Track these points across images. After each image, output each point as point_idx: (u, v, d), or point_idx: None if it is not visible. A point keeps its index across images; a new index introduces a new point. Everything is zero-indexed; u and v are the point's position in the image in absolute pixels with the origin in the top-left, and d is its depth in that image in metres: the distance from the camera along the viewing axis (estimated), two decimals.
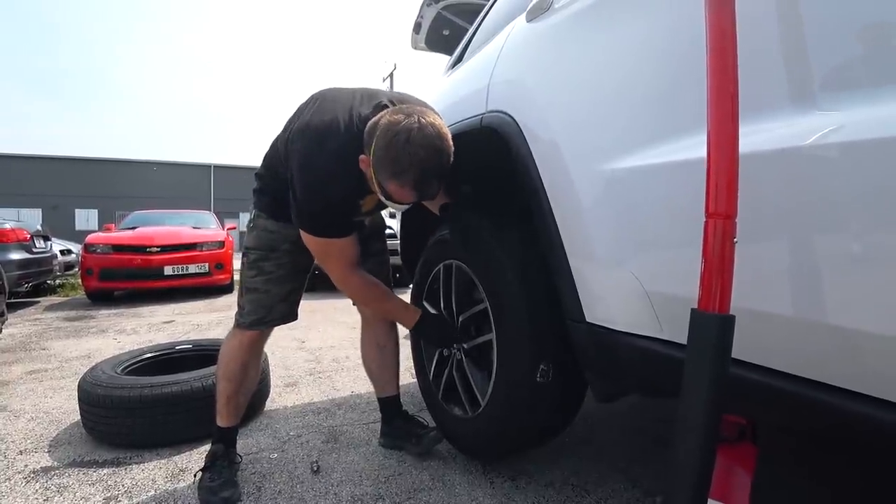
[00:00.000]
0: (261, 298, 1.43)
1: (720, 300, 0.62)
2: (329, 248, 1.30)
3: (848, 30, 0.64)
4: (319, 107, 1.26)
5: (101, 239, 5.83)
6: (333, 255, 1.33)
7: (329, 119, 1.21)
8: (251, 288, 1.44)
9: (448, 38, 2.85)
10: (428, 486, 1.44)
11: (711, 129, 0.65)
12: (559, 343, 1.20)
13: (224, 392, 1.46)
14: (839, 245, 0.61)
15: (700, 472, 0.65)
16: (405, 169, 1.09)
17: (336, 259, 1.33)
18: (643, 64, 0.93)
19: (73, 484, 1.49)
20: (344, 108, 1.23)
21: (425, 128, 1.08)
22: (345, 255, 1.33)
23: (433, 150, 1.09)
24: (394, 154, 1.08)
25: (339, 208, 1.26)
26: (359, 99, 1.27)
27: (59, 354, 3.19)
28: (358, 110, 1.23)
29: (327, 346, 3.34)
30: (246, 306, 1.45)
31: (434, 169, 1.11)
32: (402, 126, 1.08)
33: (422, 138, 1.07)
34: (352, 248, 1.34)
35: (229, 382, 1.46)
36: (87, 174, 27.97)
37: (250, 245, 1.45)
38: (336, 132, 1.20)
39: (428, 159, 1.09)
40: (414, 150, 1.07)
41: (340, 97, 1.28)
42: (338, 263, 1.34)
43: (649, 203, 0.89)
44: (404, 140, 1.06)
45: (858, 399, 0.62)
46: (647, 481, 1.44)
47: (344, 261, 1.34)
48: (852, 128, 0.60)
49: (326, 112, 1.23)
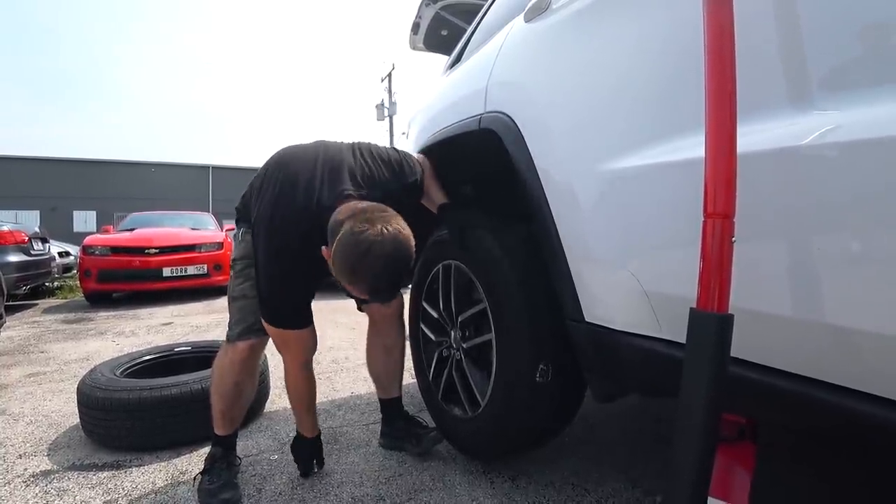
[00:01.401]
0: (249, 304, 1.40)
1: (719, 299, 0.62)
2: (287, 337, 1.36)
3: (846, 30, 0.64)
4: (281, 188, 1.27)
5: (99, 241, 5.82)
6: (292, 346, 1.39)
7: (290, 210, 1.24)
8: (238, 296, 1.42)
9: (446, 38, 2.85)
10: (428, 487, 1.44)
11: (710, 129, 0.65)
12: (558, 343, 1.20)
13: (218, 408, 1.45)
14: (837, 244, 0.62)
15: (700, 470, 0.65)
16: (361, 279, 1.11)
17: (293, 349, 1.40)
18: (641, 64, 0.93)
19: (72, 487, 1.49)
20: (307, 195, 1.24)
21: (387, 242, 1.09)
22: (302, 346, 1.40)
23: (392, 262, 1.10)
24: (351, 265, 1.09)
25: (299, 302, 1.34)
26: (321, 178, 1.27)
27: (58, 357, 3.19)
28: (319, 197, 1.24)
29: (326, 347, 3.34)
30: (234, 316, 1.43)
31: (390, 278, 1.13)
32: (363, 238, 1.08)
33: (382, 252, 1.08)
34: (310, 339, 1.40)
35: (222, 399, 1.44)
36: (85, 176, 27.94)
37: (237, 256, 1.44)
38: (297, 224, 1.23)
39: (385, 269, 1.10)
40: (372, 262, 1.08)
41: (302, 173, 1.28)
42: (294, 355, 1.41)
43: (648, 203, 0.89)
44: (363, 252, 1.07)
45: (857, 397, 0.62)
46: (647, 481, 1.44)
47: (300, 353, 1.41)
48: (850, 127, 0.60)
49: (287, 196, 1.25)
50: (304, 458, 1.53)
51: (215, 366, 1.47)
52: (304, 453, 1.53)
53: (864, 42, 0.63)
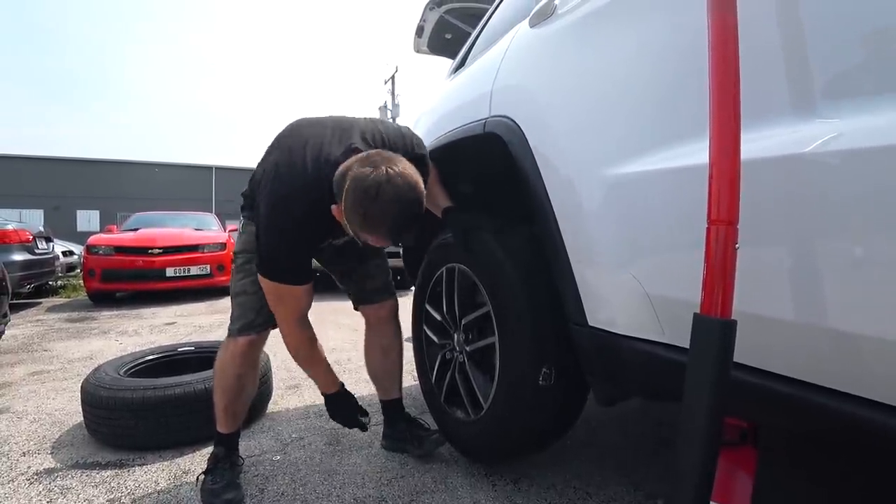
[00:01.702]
0: (249, 301, 1.41)
1: (722, 305, 0.62)
2: (282, 293, 1.31)
3: (849, 37, 0.64)
4: (290, 148, 1.26)
5: (103, 240, 5.85)
6: (286, 302, 1.34)
7: (298, 161, 1.22)
8: (239, 292, 1.43)
9: (450, 41, 2.87)
10: (430, 489, 1.44)
11: (714, 135, 0.66)
12: (561, 346, 1.20)
13: (221, 402, 1.45)
14: (839, 250, 0.62)
15: (702, 474, 0.66)
16: (377, 223, 1.10)
17: (288, 306, 1.35)
18: (645, 70, 0.94)
19: (76, 486, 1.49)
20: (314, 150, 1.23)
21: (394, 179, 1.08)
22: (298, 303, 1.34)
23: (405, 201, 1.09)
24: (363, 211, 1.08)
25: (299, 256, 1.29)
26: (329, 137, 1.26)
27: (62, 356, 3.20)
28: (328, 153, 1.22)
29: (328, 348, 3.33)
30: (235, 311, 1.44)
31: (405, 220, 1.12)
32: (371, 180, 1.07)
33: (391, 191, 1.07)
34: (306, 297, 1.35)
35: (224, 393, 1.45)
36: (88, 175, 28.03)
37: (238, 249, 1.45)
38: (304, 177, 1.21)
39: (399, 211, 1.09)
40: (383, 205, 1.07)
41: (312, 136, 1.27)
42: (288, 310, 1.35)
43: (652, 208, 0.89)
44: (374, 195, 1.07)
45: (859, 402, 0.62)
46: (649, 484, 1.44)
47: (295, 310, 1.36)
48: (853, 135, 0.61)
49: (296, 153, 1.23)
50: (345, 413, 1.55)
51: (217, 360, 1.47)
52: (341, 409, 1.55)
53: (867, 50, 0.64)
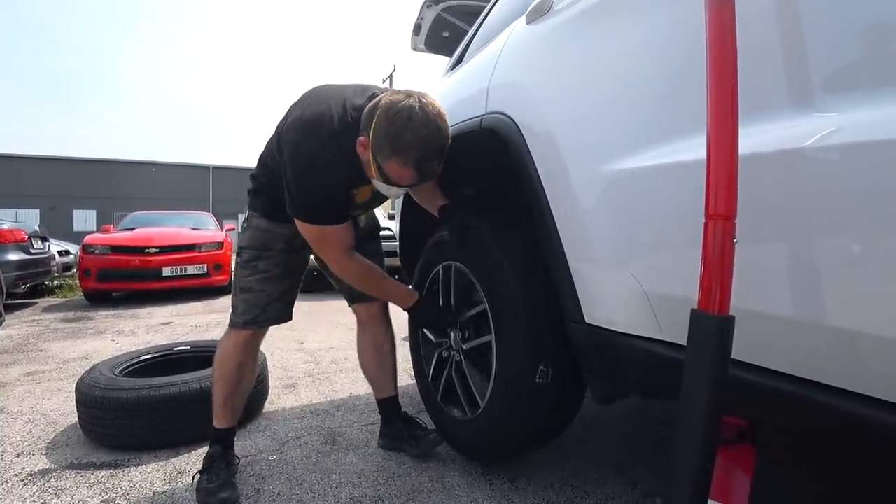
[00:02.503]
0: (255, 298, 1.43)
1: (720, 301, 0.62)
2: (324, 234, 1.30)
3: (847, 32, 0.64)
4: (312, 101, 1.27)
5: (99, 240, 5.82)
6: (330, 242, 1.33)
7: (322, 110, 1.22)
8: (245, 287, 1.44)
9: (448, 39, 2.85)
10: (427, 488, 1.43)
11: (711, 130, 0.65)
12: (558, 344, 1.20)
13: (220, 393, 1.46)
14: (838, 246, 0.62)
15: (700, 472, 0.65)
16: (408, 146, 1.10)
17: (333, 246, 1.34)
18: (643, 66, 0.93)
19: (70, 486, 1.48)
20: (337, 100, 1.24)
21: (426, 106, 1.11)
22: (341, 241, 1.33)
23: (434, 128, 1.11)
24: (395, 131, 1.09)
25: (333, 195, 1.27)
26: (351, 91, 1.28)
27: (57, 356, 3.18)
28: (352, 101, 1.24)
29: (326, 347, 3.33)
30: (240, 306, 1.45)
31: (435, 147, 1.13)
32: (404, 105, 1.10)
33: (424, 116, 1.10)
34: (348, 233, 1.34)
35: (225, 384, 1.46)
36: (85, 175, 27.92)
37: (244, 244, 1.46)
38: (329, 122, 1.21)
39: (430, 137, 1.11)
40: (416, 128, 1.09)
41: (333, 91, 1.29)
42: (335, 249, 1.34)
43: (649, 204, 0.89)
44: (406, 118, 1.08)
45: (857, 399, 0.62)
46: (646, 482, 1.44)
47: (341, 246, 1.34)
48: (851, 130, 0.60)
49: (319, 104, 1.24)
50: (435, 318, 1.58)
51: (218, 350, 1.48)
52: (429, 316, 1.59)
53: (865, 45, 0.63)
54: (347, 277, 1.43)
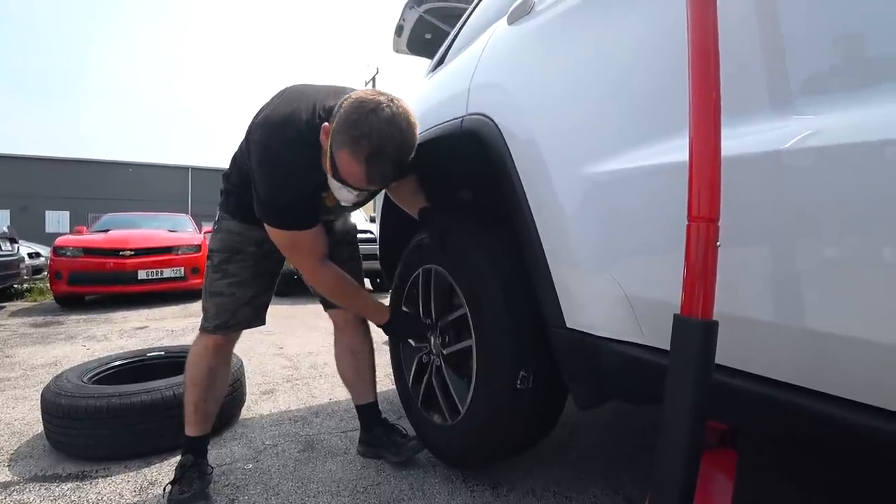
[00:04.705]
0: (225, 302, 1.40)
1: (703, 305, 0.61)
2: (295, 240, 1.25)
3: (826, 36, 0.64)
4: (281, 101, 1.23)
5: (71, 241, 5.64)
6: (301, 248, 1.28)
7: (290, 111, 1.19)
8: (215, 292, 1.40)
9: (430, 41, 2.84)
10: (407, 496, 1.41)
11: (693, 132, 0.64)
12: (539, 349, 1.18)
13: (191, 399, 1.42)
14: (821, 249, 0.61)
15: (684, 478, 0.64)
16: (362, 137, 1.05)
17: (304, 252, 1.29)
18: (624, 67, 0.93)
19: (33, 500, 1.41)
20: (307, 101, 1.20)
21: (396, 108, 1.07)
22: (313, 247, 1.28)
23: (397, 129, 1.06)
24: (355, 119, 1.05)
25: (301, 197, 1.22)
26: (324, 93, 1.24)
27: (24, 362, 3.07)
28: (322, 103, 1.20)
29: (305, 352, 3.28)
30: (210, 310, 1.41)
31: (392, 149, 1.07)
32: (373, 98, 1.07)
33: (389, 115, 1.05)
34: (319, 239, 1.29)
35: (196, 389, 1.42)
36: (58, 174, 27.21)
37: (214, 247, 1.42)
38: (297, 122, 1.17)
39: (389, 136, 1.05)
40: (377, 122, 1.04)
41: (306, 92, 1.25)
42: (306, 256, 1.30)
43: (631, 207, 0.88)
44: (370, 109, 1.05)
45: (840, 404, 0.61)
46: (629, 488, 1.43)
47: (312, 254, 1.29)
48: (830, 132, 0.60)
49: (288, 105, 1.21)
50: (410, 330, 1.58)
51: (189, 354, 1.45)
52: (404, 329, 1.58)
53: (843, 48, 0.63)
54: (319, 287, 1.39)
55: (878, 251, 0.56)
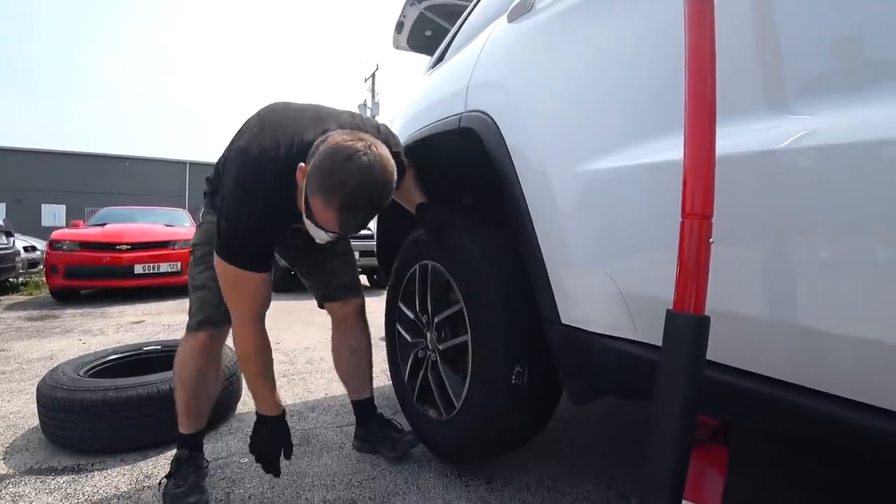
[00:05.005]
0: (207, 295, 1.35)
1: (695, 301, 0.61)
2: (239, 279, 1.19)
3: (823, 35, 0.64)
4: (260, 131, 1.19)
5: (67, 235, 5.62)
6: (242, 291, 1.21)
7: (269, 144, 1.15)
8: (198, 285, 1.37)
9: (430, 38, 2.84)
10: (402, 490, 1.41)
11: (688, 130, 0.65)
12: (534, 344, 1.19)
13: (181, 400, 1.40)
14: (813, 247, 0.62)
15: (675, 473, 0.65)
16: (335, 186, 1.02)
17: (244, 295, 1.22)
18: (622, 66, 0.93)
19: (29, 493, 1.42)
20: (286, 133, 1.17)
21: (373, 156, 1.04)
22: (256, 293, 1.22)
23: (372, 179, 1.04)
24: (329, 166, 1.03)
25: (263, 237, 1.20)
26: (304, 123, 1.20)
27: (20, 356, 3.06)
28: (301, 136, 1.16)
29: (302, 347, 3.28)
30: (193, 305, 1.38)
31: (365, 198, 1.05)
32: (349, 146, 1.03)
33: (365, 163, 1.02)
34: (265, 288, 1.24)
35: (185, 390, 1.39)
36: (54, 168, 27.02)
37: (197, 241, 1.40)
38: (274, 160, 1.14)
39: (363, 186, 1.03)
40: (352, 171, 1.01)
41: (286, 120, 1.21)
42: (244, 300, 1.23)
43: (626, 204, 0.89)
44: (346, 157, 1.02)
45: (832, 401, 0.62)
46: (622, 483, 1.44)
47: (252, 301, 1.23)
48: (825, 132, 0.61)
49: (268, 135, 1.17)
50: (270, 445, 1.31)
51: (177, 356, 1.42)
52: (275, 437, 1.31)
53: (839, 49, 0.64)
54: (238, 340, 1.27)
55: (869, 250, 0.57)
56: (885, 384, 0.58)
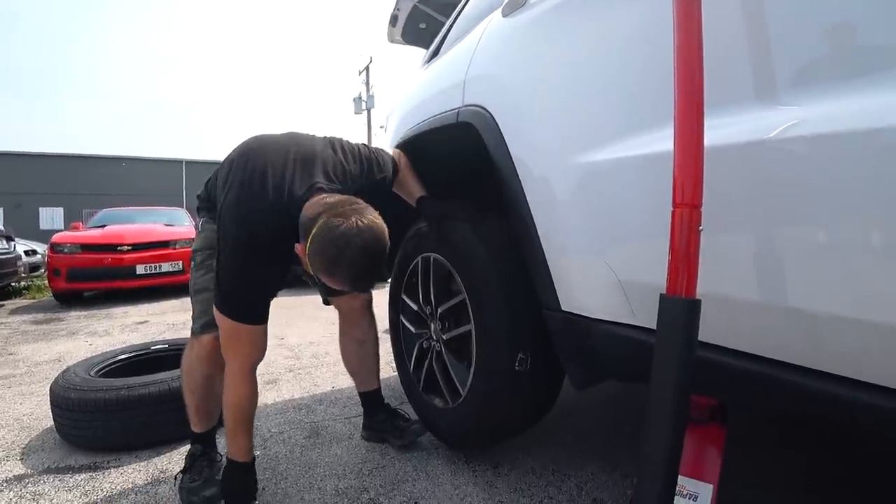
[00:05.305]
0: (211, 297, 1.35)
1: (687, 285, 0.65)
2: (240, 332, 1.24)
3: (810, 26, 0.66)
4: (251, 178, 1.20)
5: (68, 238, 5.65)
6: (243, 343, 1.26)
7: (260, 200, 1.18)
8: (200, 289, 1.40)
9: (424, 31, 2.84)
10: (412, 477, 1.46)
11: (678, 122, 0.68)
12: (536, 332, 1.22)
13: (191, 403, 1.44)
14: (796, 232, 0.65)
15: (670, 449, 0.68)
16: (342, 271, 1.08)
17: (242, 347, 1.26)
18: (615, 59, 0.96)
19: (49, 491, 1.46)
20: (276, 184, 1.19)
21: (363, 233, 1.07)
22: (253, 344, 1.27)
23: (370, 255, 1.08)
24: (330, 257, 1.07)
25: (262, 293, 1.25)
26: (292, 171, 1.22)
27: (28, 359, 3.10)
28: (290, 190, 1.19)
29: (307, 342, 3.32)
30: (196, 309, 1.41)
31: (369, 271, 1.10)
32: (340, 232, 1.05)
33: (359, 244, 1.06)
34: (263, 338, 1.29)
35: (193, 395, 1.43)
36: (51, 171, 26.96)
37: (197, 247, 1.43)
38: (267, 217, 1.17)
39: (364, 266, 1.08)
40: (352, 256, 1.06)
41: (273, 165, 1.22)
42: (242, 353, 1.27)
43: (622, 194, 0.91)
44: (341, 247, 1.05)
45: (817, 377, 0.65)
46: (625, 465, 1.48)
47: (249, 353, 1.28)
48: (812, 122, 0.63)
49: (256, 186, 1.19)
50: (238, 490, 1.31)
51: (184, 361, 1.45)
52: (238, 482, 1.31)
53: (826, 40, 0.66)
54: (230, 391, 1.29)
55: (856, 234, 0.60)
56: (869, 360, 0.61)
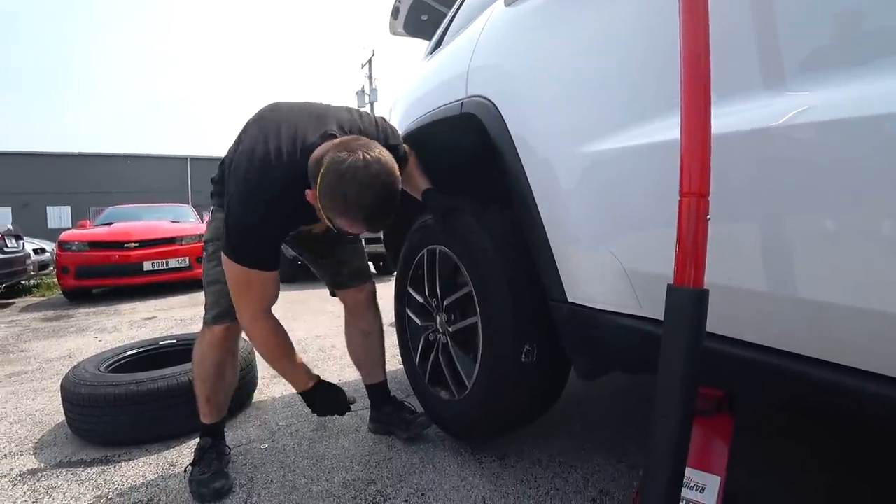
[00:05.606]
0: (222, 289, 1.37)
1: (694, 275, 0.64)
2: (250, 278, 1.23)
3: (817, 12, 0.65)
4: (263, 130, 1.22)
5: (76, 236, 5.70)
6: (252, 291, 1.26)
7: (272, 146, 1.18)
8: (212, 280, 1.41)
9: (426, 23, 2.82)
10: (419, 469, 1.46)
11: (684, 110, 0.67)
12: (542, 323, 1.22)
13: (202, 393, 1.45)
14: (804, 221, 0.64)
15: (677, 441, 0.68)
16: (353, 208, 1.08)
17: (254, 293, 1.26)
18: (619, 48, 0.94)
19: (61, 484, 1.48)
20: (288, 135, 1.20)
21: (371, 165, 1.06)
22: (264, 291, 1.27)
23: (379, 187, 1.07)
24: (337, 194, 1.06)
25: (271, 239, 1.24)
26: (305, 123, 1.23)
27: (39, 355, 3.14)
28: (303, 138, 1.19)
29: (313, 335, 3.34)
30: (209, 300, 1.42)
31: (380, 204, 1.10)
32: (347, 165, 1.05)
33: (367, 175, 1.05)
34: (274, 284, 1.28)
35: (204, 384, 1.44)
36: (57, 170, 27.16)
37: (208, 237, 1.44)
38: (278, 162, 1.17)
39: (374, 196, 1.07)
40: (359, 190, 1.05)
41: (287, 121, 1.23)
42: (254, 299, 1.27)
43: (628, 184, 0.90)
44: (349, 179, 1.05)
45: (824, 367, 0.65)
46: (632, 456, 1.48)
47: (261, 299, 1.28)
48: (821, 109, 0.62)
49: (270, 137, 1.20)
50: (333, 404, 1.43)
51: (195, 351, 1.46)
52: (327, 401, 1.42)
53: (834, 26, 0.64)
54: (253, 338, 1.33)
55: (865, 222, 0.59)
56: (877, 349, 0.60)
